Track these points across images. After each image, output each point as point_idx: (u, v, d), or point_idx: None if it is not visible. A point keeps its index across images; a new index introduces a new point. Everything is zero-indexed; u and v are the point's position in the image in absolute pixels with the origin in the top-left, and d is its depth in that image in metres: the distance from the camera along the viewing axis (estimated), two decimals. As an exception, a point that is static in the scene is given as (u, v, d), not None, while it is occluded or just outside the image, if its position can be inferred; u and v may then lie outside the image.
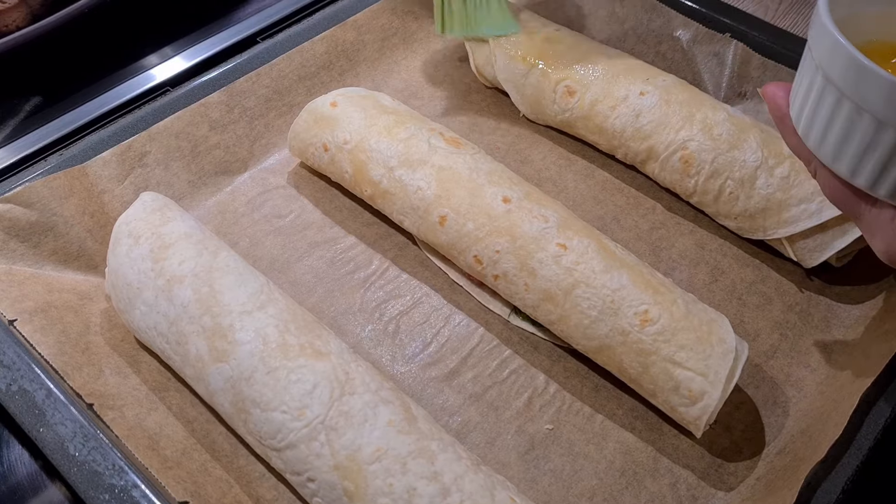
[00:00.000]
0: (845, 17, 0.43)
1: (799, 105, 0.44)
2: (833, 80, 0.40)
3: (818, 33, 0.41)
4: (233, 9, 0.87)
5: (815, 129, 0.42)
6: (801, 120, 0.44)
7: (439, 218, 0.60)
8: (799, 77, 0.44)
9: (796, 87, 0.45)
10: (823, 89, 0.41)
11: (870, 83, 0.39)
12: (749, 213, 0.63)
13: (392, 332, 0.60)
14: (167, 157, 0.68)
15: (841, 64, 0.39)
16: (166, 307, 0.54)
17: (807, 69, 0.43)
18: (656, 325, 0.53)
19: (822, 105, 0.42)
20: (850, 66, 0.39)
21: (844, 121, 0.40)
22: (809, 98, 0.43)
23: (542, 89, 0.71)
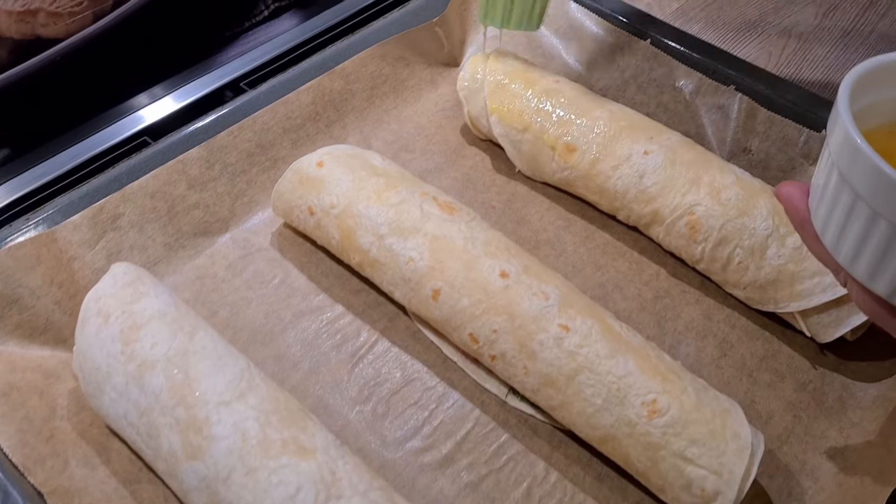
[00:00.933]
0: (864, 107, 0.40)
1: (823, 215, 0.40)
2: (862, 194, 0.37)
3: (841, 139, 0.38)
4: (215, 52, 0.83)
5: (846, 244, 0.39)
6: (828, 232, 0.40)
7: (432, 292, 0.57)
8: (818, 178, 0.41)
9: (817, 191, 0.41)
10: (853, 204, 0.37)
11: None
12: (759, 284, 0.60)
13: (382, 414, 0.56)
14: (142, 219, 0.64)
15: (872, 182, 0.36)
16: (137, 395, 0.50)
17: (827, 172, 0.39)
18: (665, 417, 0.50)
19: (853, 220, 0.38)
20: (882, 184, 0.35)
21: (880, 239, 0.37)
22: (836, 210, 0.39)
23: (540, 146, 0.68)
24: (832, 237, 0.40)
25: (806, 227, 0.43)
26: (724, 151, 0.72)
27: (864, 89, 0.40)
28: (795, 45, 0.86)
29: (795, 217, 0.44)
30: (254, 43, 0.83)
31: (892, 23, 0.88)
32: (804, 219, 0.43)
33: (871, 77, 0.40)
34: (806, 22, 0.89)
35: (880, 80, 0.41)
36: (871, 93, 0.41)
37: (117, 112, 0.76)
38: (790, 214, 0.44)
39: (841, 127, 0.38)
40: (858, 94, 0.39)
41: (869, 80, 0.40)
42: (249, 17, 0.86)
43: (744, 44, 0.86)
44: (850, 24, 0.88)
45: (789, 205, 0.44)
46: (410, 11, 0.83)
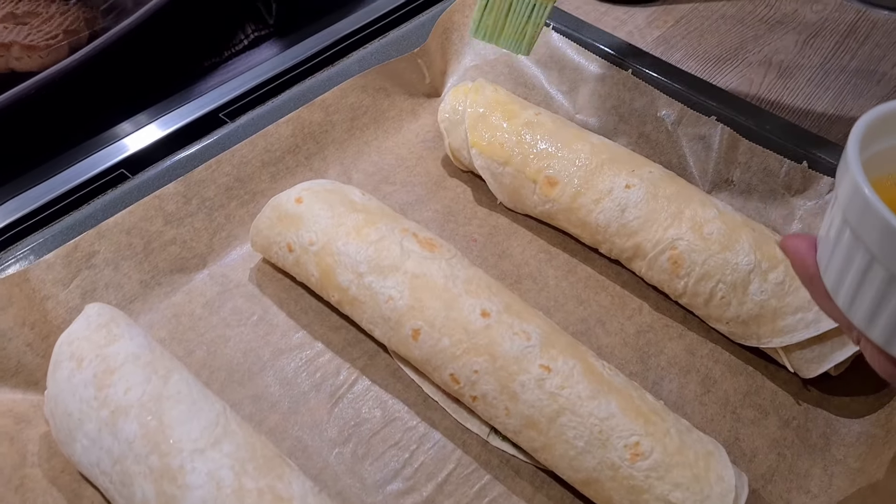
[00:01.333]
0: (872, 155, 0.38)
1: (835, 274, 0.38)
2: (878, 256, 0.35)
3: (853, 196, 0.35)
4: (193, 82, 0.82)
5: (862, 306, 0.37)
6: (840, 292, 0.38)
7: (412, 331, 0.56)
8: (827, 232, 0.39)
9: (827, 246, 0.39)
10: (868, 265, 0.36)
11: None
12: (742, 319, 0.60)
13: (362, 456, 0.56)
14: (117, 256, 0.63)
15: (890, 244, 0.34)
16: (110, 443, 0.49)
17: (839, 228, 0.37)
18: (648, 460, 0.49)
19: (868, 281, 0.36)
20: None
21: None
22: (849, 269, 0.37)
23: (522, 179, 0.67)
24: (846, 298, 0.38)
25: (815, 283, 0.40)
26: (706, 182, 0.71)
27: (873, 137, 0.39)
28: (776, 73, 0.86)
29: (804, 273, 0.41)
30: (233, 73, 0.83)
31: (872, 49, 0.89)
32: (813, 275, 0.40)
33: (880, 124, 0.39)
34: (786, 50, 0.89)
35: (889, 127, 0.40)
36: (880, 141, 0.39)
37: (93, 144, 0.75)
38: (797, 269, 0.42)
39: (853, 183, 0.36)
40: (868, 143, 0.38)
41: (878, 127, 0.39)
42: (228, 46, 0.85)
43: (725, 72, 0.86)
44: (830, 52, 0.89)
45: (796, 259, 0.41)
46: (391, 42, 0.82)
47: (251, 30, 0.87)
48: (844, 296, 0.38)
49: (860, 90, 0.84)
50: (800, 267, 0.41)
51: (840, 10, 0.94)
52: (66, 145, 0.75)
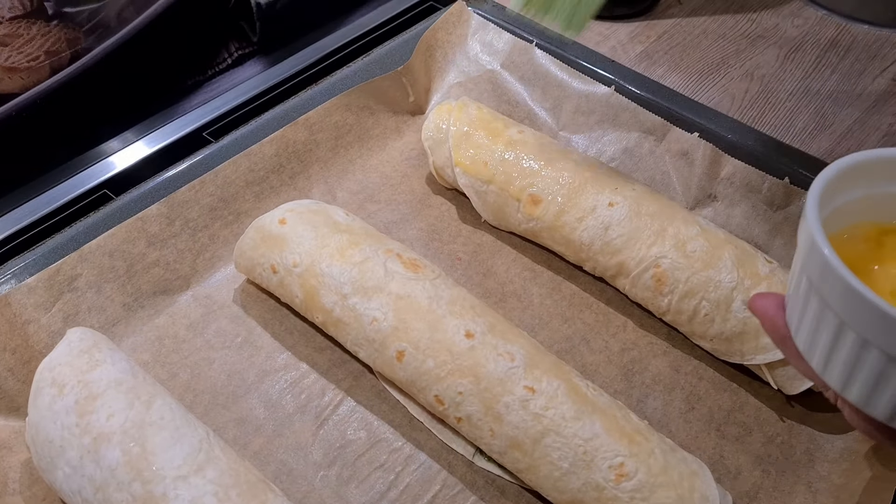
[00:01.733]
0: (831, 212, 0.38)
1: (806, 337, 0.37)
2: (847, 322, 0.34)
3: (820, 268, 0.35)
4: (177, 101, 0.82)
5: (836, 369, 0.36)
6: (814, 356, 0.37)
7: (397, 353, 0.56)
8: (795, 293, 0.38)
9: (795, 308, 0.38)
10: (839, 330, 0.35)
11: None
12: (725, 336, 0.60)
13: (347, 479, 0.55)
14: (100, 279, 0.62)
15: (856, 309, 0.34)
16: (92, 470, 0.49)
17: (805, 291, 0.37)
18: (633, 481, 0.49)
19: (840, 344, 0.35)
20: (869, 313, 0.33)
21: (873, 366, 0.34)
22: (819, 334, 0.36)
23: (506, 198, 0.67)
24: (819, 361, 0.37)
25: (788, 344, 0.39)
26: (689, 198, 0.72)
27: (834, 191, 0.38)
28: (758, 88, 0.87)
29: (775, 334, 0.41)
30: (217, 91, 0.83)
31: (852, 63, 0.90)
32: (784, 336, 0.39)
33: (841, 178, 0.39)
34: (768, 64, 0.90)
35: (851, 179, 0.39)
36: (842, 194, 0.39)
37: (76, 165, 0.74)
38: (768, 331, 0.41)
39: (816, 248, 0.35)
40: (829, 198, 0.38)
41: (840, 181, 0.39)
42: (212, 65, 0.85)
43: (707, 86, 0.87)
44: (811, 66, 0.89)
45: (766, 321, 0.41)
46: (375, 60, 0.82)
47: (235, 48, 0.87)
48: (818, 359, 0.37)
49: (841, 104, 0.85)
50: (770, 328, 0.41)
51: (820, 25, 0.95)
52: (48, 166, 0.74)
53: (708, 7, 0.98)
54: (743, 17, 0.96)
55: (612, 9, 0.95)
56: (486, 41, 0.82)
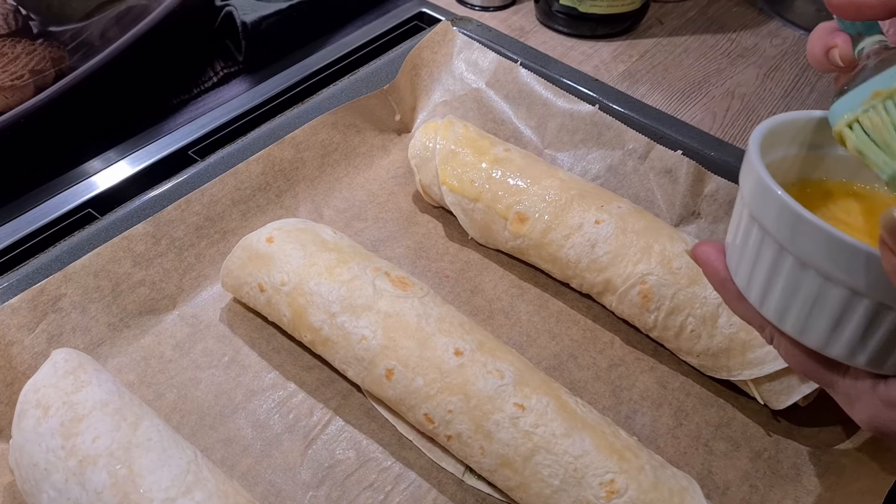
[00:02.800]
0: (770, 162, 0.41)
1: (745, 272, 0.40)
2: (785, 245, 0.37)
3: (754, 187, 0.38)
4: (162, 119, 0.82)
5: (772, 298, 0.38)
6: (752, 289, 0.40)
7: (386, 371, 0.56)
8: (735, 234, 0.41)
9: (735, 248, 0.41)
10: (778, 256, 0.37)
11: (854, 259, 0.35)
12: (711, 352, 0.60)
13: (336, 499, 0.55)
14: (85, 299, 0.62)
15: (797, 233, 0.36)
16: (78, 493, 0.48)
17: (746, 227, 0.39)
18: (623, 498, 0.49)
19: (777, 272, 0.38)
20: (809, 235, 0.36)
21: (810, 291, 0.37)
22: (758, 265, 0.38)
23: (492, 216, 0.68)
24: (757, 294, 0.39)
25: (727, 286, 0.42)
26: (673, 215, 0.72)
27: (770, 145, 0.41)
28: (739, 106, 0.88)
29: (715, 277, 0.43)
30: (202, 110, 0.82)
31: (830, 82, 0.91)
32: (724, 278, 0.42)
33: (776, 134, 0.42)
34: (748, 83, 0.91)
35: (785, 137, 0.42)
36: (776, 150, 0.42)
37: (60, 184, 0.74)
38: (709, 275, 0.43)
39: (756, 177, 0.38)
40: (766, 150, 0.40)
41: (775, 136, 0.41)
42: (198, 83, 0.85)
43: (689, 105, 0.88)
44: (790, 85, 0.91)
45: (707, 266, 0.43)
46: (361, 79, 0.83)
47: (220, 67, 0.87)
48: (756, 292, 0.39)
49: (820, 122, 0.86)
50: (711, 272, 0.43)
51: (799, 44, 0.97)
52: (32, 185, 0.73)
53: (689, 27, 0.99)
54: (723, 36, 0.98)
55: (595, 28, 0.96)
56: (471, 60, 0.82)
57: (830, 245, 0.35)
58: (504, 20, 1.00)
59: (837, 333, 0.38)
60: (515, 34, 0.96)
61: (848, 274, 0.35)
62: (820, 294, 0.37)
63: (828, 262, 0.36)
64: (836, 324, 0.38)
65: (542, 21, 0.99)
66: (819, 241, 0.35)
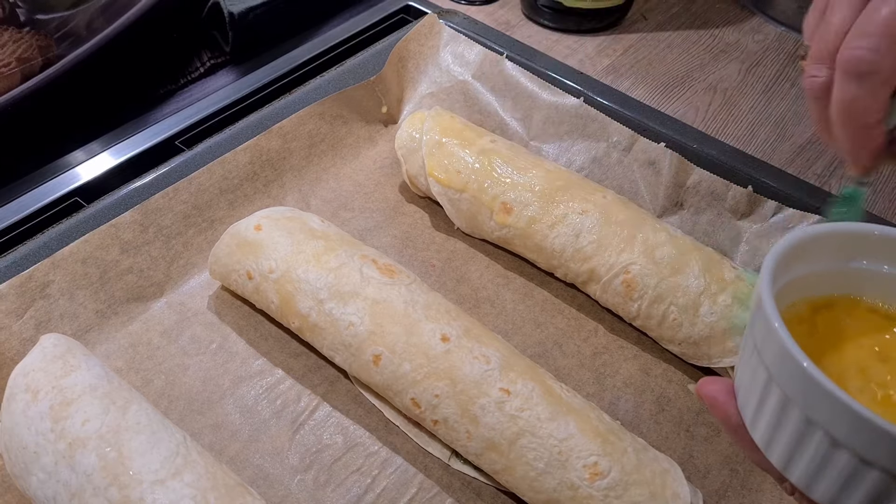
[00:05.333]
0: (785, 284, 0.37)
1: (765, 430, 0.36)
2: (812, 418, 0.33)
3: (769, 341, 0.34)
4: (149, 109, 0.82)
5: (800, 468, 0.34)
6: (775, 451, 0.35)
7: (373, 357, 0.56)
8: (751, 380, 0.36)
9: (750, 397, 0.36)
10: (806, 429, 0.33)
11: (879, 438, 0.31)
12: (693, 339, 0.61)
13: (324, 483, 0.56)
14: (73, 286, 0.62)
15: (842, 420, 0.32)
16: (67, 475, 0.48)
17: (764, 382, 0.35)
18: (607, 479, 0.50)
19: (806, 444, 0.34)
20: (856, 422, 0.31)
21: (842, 471, 0.33)
22: (782, 428, 0.34)
23: (478, 206, 0.68)
24: (781, 459, 0.35)
25: (741, 433, 0.37)
26: (656, 206, 0.74)
27: (786, 266, 0.37)
28: (721, 100, 0.90)
29: (726, 423, 0.38)
30: (190, 100, 0.83)
31: (810, 78, 0.93)
32: (737, 425, 0.37)
33: (787, 258, 0.38)
34: (730, 78, 0.92)
35: (796, 259, 0.38)
36: (788, 272, 0.38)
37: (47, 172, 0.74)
38: (719, 418, 0.39)
39: (783, 349, 0.33)
40: (781, 272, 0.37)
41: (786, 261, 0.37)
42: (185, 73, 0.85)
43: (672, 99, 0.89)
44: (772, 80, 0.92)
45: (715, 409, 0.39)
46: (348, 70, 0.83)
47: (207, 57, 0.87)
48: (778, 455, 0.35)
49: (800, 116, 0.87)
50: (721, 416, 0.39)
51: (780, 40, 0.98)
52: (20, 173, 0.74)
53: (672, 22, 1.01)
54: (706, 32, 0.99)
55: (580, 23, 0.97)
56: (457, 52, 0.83)
57: (866, 429, 0.31)
58: (490, 14, 1.01)
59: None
60: (501, 28, 0.97)
61: (888, 459, 0.32)
62: (854, 474, 0.33)
63: (865, 446, 0.32)
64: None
65: (528, 15, 1.00)
66: (854, 423, 0.32)
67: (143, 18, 0.78)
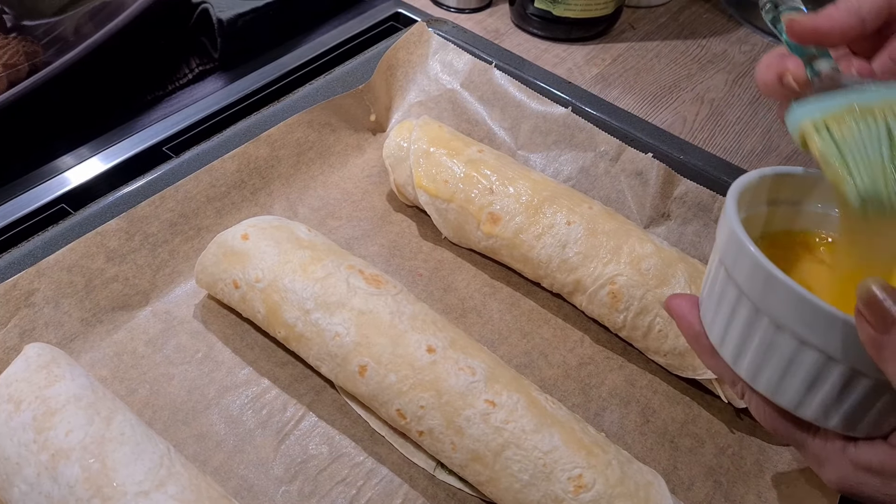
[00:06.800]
0: (747, 217, 0.41)
1: (719, 328, 0.40)
2: (760, 307, 0.37)
3: (732, 248, 0.38)
4: (136, 116, 0.81)
5: (746, 357, 0.38)
6: (727, 346, 0.40)
7: (359, 367, 0.56)
8: (711, 289, 0.40)
9: (710, 304, 0.40)
10: (753, 316, 0.37)
11: (830, 326, 0.34)
12: (678, 351, 0.62)
13: (309, 494, 0.55)
14: (58, 294, 0.62)
15: (775, 297, 0.36)
16: (50, 487, 0.48)
17: (722, 285, 0.39)
18: (591, 492, 0.50)
19: (752, 333, 0.38)
20: (796, 303, 0.35)
21: (784, 353, 0.36)
22: (733, 322, 0.38)
23: (466, 216, 0.69)
24: (731, 351, 0.39)
25: (700, 340, 0.42)
26: (643, 217, 0.74)
27: (747, 200, 0.41)
28: (708, 111, 0.90)
29: (688, 331, 0.43)
30: (177, 106, 0.82)
31: (797, 89, 0.93)
32: (698, 332, 0.42)
33: (752, 189, 0.42)
34: (717, 88, 0.93)
35: (761, 192, 0.43)
36: (753, 206, 0.42)
37: (33, 179, 0.73)
38: (682, 328, 0.43)
39: (733, 235, 0.38)
40: (742, 205, 0.41)
41: (751, 191, 0.41)
42: (173, 80, 0.85)
43: (660, 109, 0.90)
44: (758, 91, 0.93)
45: (680, 319, 0.43)
46: (337, 78, 0.83)
47: (196, 64, 0.87)
48: (729, 350, 0.39)
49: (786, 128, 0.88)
50: (685, 326, 0.43)
51: (767, 51, 0.98)
52: (5, 180, 0.73)
53: (660, 32, 1.01)
54: (693, 42, 1.00)
55: (569, 32, 0.97)
56: (446, 61, 0.83)
57: (805, 310, 0.35)
58: (479, 22, 1.01)
59: (810, 396, 0.38)
60: (490, 36, 0.97)
61: (823, 340, 0.35)
62: (794, 357, 0.37)
63: (802, 326, 0.35)
64: (809, 386, 0.37)
65: (517, 24, 1.01)
66: (794, 304, 0.35)
67: (131, 24, 0.77)
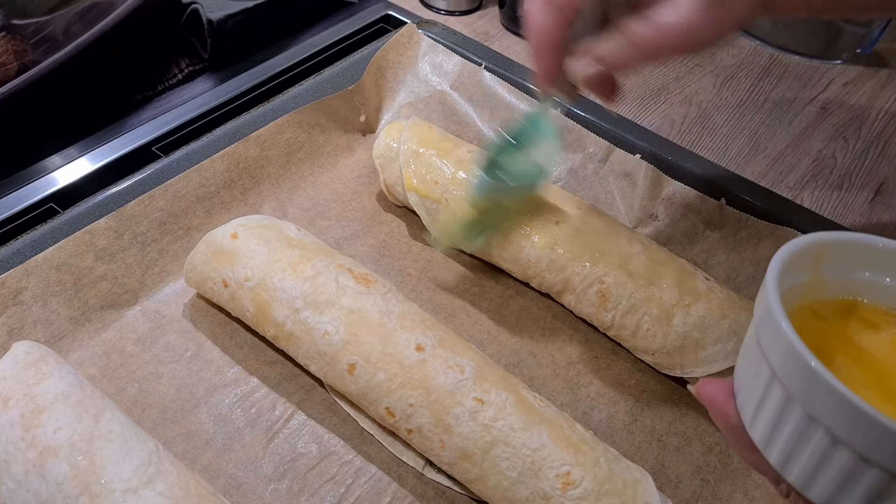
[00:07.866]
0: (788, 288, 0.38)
1: (765, 429, 0.36)
2: (820, 419, 0.33)
3: (776, 340, 0.34)
4: (126, 116, 0.81)
5: (797, 465, 0.34)
6: (772, 447, 0.36)
7: (348, 366, 0.57)
8: (752, 381, 0.36)
9: (751, 397, 0.36)
10: (808, 425, 0.33)
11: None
12: (666, 350, 0.62)
13: (297, 492, 0.56)
14: (46, 293, 0.62)
15: (834, 406, 0.32)
16: (38, 485, 0.48)
17: (767, 380, 0.35)
18: (579, 489, 0.51)
19: (806, 442, 0.34)
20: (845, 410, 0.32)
21: (842, 468, 0.33)
22: (782, 426, 0.34)
23: (455, 217, 0.69)
24: (780, 457, 0.35)
25: (739, 434, 0.37)
26: (632, 217, 0.74)
27: (786, 275, 0.38)
28: (696, 113, 0.91)
29: (724, 424, 0.38)
30: (167, 106, 0.82)
31: (784, 91, 0.94)
32: (735, 426, 0.37)
33: (791, 263, 0.38)
34: (705, 91, 0.94)
35: (799, 265, 0.39)
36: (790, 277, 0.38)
37: (22, 178, 0.73)
38: (716, 419, 0.39)
39: (782, 335, 0.34)
40: (782, 280, 0.37)
41: (790, 266, 0.38)
42: (162, 80, 0.85)
43: (649, 111, 0.90)
44: (746, 94, 0.94)
45: (715, 409, 0.39)
46: (326, 79, 0.84)
47: (185, 64, 0.87)
48: (778, 454, 0.35)
49: (773, 130, 0.89)
50: (720, 417, 0.39)
51: (755, 55, 1.00)
52: (-7, 178, 0.73)
53: (649, 35, 1.01)
54: (682, 45, 1.00)
55: (558, 35, 0.98)
56: (435, 63, 0.84)
57: (869, 428, 0.32)
58: (469, 24, 1.01)
59: None
60: (480, 38, 0.97)
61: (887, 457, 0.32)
62: (854, 472, 0.33)
63: (865, 444, 0.32)
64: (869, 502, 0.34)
65: (507, 26, 1.01)
66: (863, 426, 0.32)
67: (120, 24, 0.77)
